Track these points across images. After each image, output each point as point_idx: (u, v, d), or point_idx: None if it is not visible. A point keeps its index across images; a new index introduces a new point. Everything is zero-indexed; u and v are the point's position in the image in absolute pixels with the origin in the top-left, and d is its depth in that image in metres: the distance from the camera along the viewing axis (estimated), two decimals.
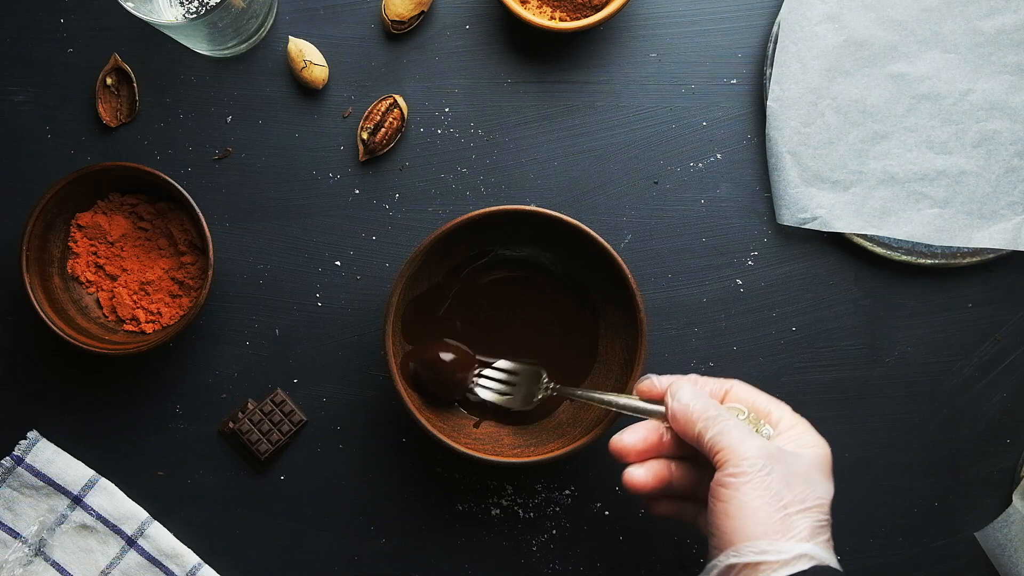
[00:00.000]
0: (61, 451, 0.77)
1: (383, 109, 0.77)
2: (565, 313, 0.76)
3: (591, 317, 0.76)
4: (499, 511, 0.78)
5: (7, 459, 0.77)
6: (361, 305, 0.78)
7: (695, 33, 0.78)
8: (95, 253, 0.77)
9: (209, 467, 0.78)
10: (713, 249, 0.78)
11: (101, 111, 0.78)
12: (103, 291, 0.77)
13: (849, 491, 0.78)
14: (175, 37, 0.74)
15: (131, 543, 0.77)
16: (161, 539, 0.77)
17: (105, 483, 0.77)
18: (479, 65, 0.78)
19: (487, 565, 0.78)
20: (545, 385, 0.73)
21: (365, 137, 0.77)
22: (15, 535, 0.77)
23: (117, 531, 0.77)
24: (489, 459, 0.71)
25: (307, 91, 0.78)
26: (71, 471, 0.77)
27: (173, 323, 0.75)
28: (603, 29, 0.78)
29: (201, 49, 0.77)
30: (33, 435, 0.77)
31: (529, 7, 0.76)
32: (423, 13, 0.77)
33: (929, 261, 0.77)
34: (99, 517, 0.77)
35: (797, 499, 0.58)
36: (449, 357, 0.73)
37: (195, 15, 0.72)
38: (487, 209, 0.71)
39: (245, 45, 0.77)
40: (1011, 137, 0.76)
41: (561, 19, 0.76)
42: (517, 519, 0.78)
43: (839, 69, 0.76)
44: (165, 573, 0.77)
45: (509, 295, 0.76)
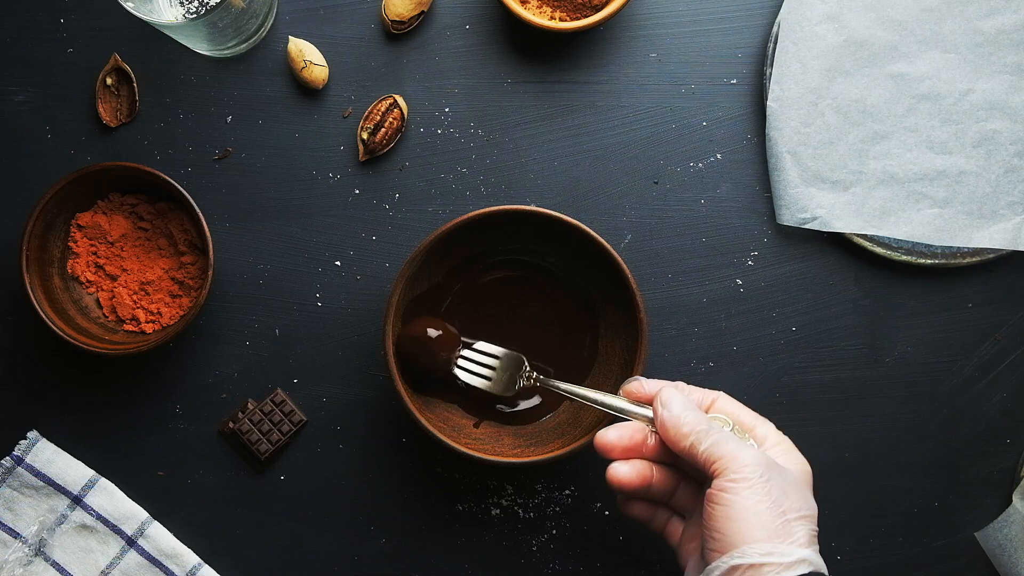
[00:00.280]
0: (61, 451, 0.77)
1: (383, 109, 0.77)
2: (565, 313, 0.76)
3: (591, 317, 0.76)
4: (499, 511, 0.78)
5: (7, 459, 0.77)
6: (361, 305, 0.78)
7: (695, 33, 0.78)
8: (95, 253, 0.77)
9: (209, 467, 0.78)
10: (713, 249, 0.78)
11: (101, 111, 0.78)
12: (103, 291, 0.77)
13: (849, 491, 0.78)
14: (175, 37, 0.74)
15: (131, 543, 0.77)
16: (161, 539, 0.77)
17: (105, 483, 0.77)
18: (479, 65, 0.78)
19: (487, 565, 0.78)
20: (527, 374, 0.72)
21: (365, 137, 0.77)
22: (15, 535, 0.77)
23: (117, 531, 0.77)
24: (489, 459, 0.71)
25: (307, 91, 0.78)
26: (71, 471, 0.77)
27: (173, 323, 0.75)
28: (603, 29, 0.78)
29: (201, 49, 0.77)
30: (33, 435, 0.77)
31: (529, 7, 0.76)
32: (423, 13, 0.77)
33: (929, 261, 0.77)
34: (99, 517, 0.77)
35: (794, 507, 0.58)
36: (435, 333, 0.73)
37: (195, 15, 0.72)
38: (487, 209, 0.71)
39: (245, 45, 0.77)
40: (1011, 137, 0.76)
41: (561, 19, 0.76)
42: (517, 519, 0.78)
43: (839, 69, 0.76)
44: (165, 573, 0.77)
45: (509, 295, 0.76)
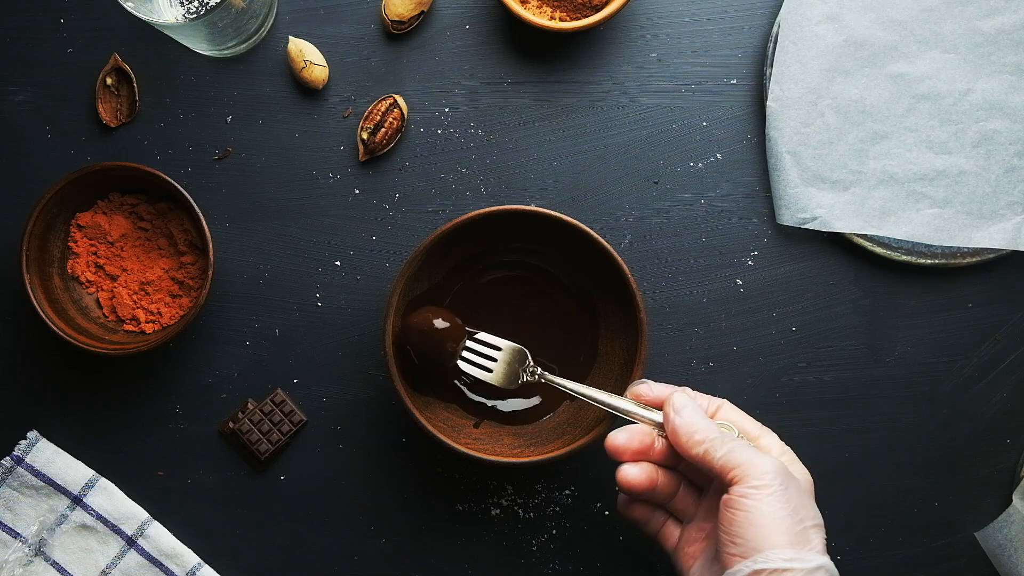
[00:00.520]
0: (61, 451, 0.77)
1: (383, 109, 0.77)
2: (565, 313, 0.76)
3: (591, 317, 0.76)
4: (499, 511, 0.78)
5: (7, 459, 0.77)
6: (361, 305, 0.78)
7: (695, 33, 0.78)
8: (95, 253, 0.77)
9: (209, 467, 0.78)
10: (713, 249, 0.78)
11: (101, 111, 0.78)
12: (103, 291, 0.77)
13: (849, 491, 0.78)
14: (175, 37, 0.74)
15: (131, 543, 0.77)
16: (161, 539, 0.77)
17: (105, 483, 0.77)
18: (479, 65, 0.78)
19: (487, 565, 0.78)
20: (530, 368, 0.72)
21: (365, 137, 0.77)
22: (15, 535, 0.77)
23: (117, 531, 0.77)
24: (489, 459, 0.71)
25: (307, 91, 0.78)
26: (71, 471, 0.77)
27: (173, 323, 0.75)
28: (603, 29, 0.78)
29: (201, 49, 0.77)
30: (33, 435, 0.77)
31: (529, 7, 0.76)
32: (423, 13, 0.77)
33: (929, 261, 0.77)
34: (99, 517, 0.77)
35: (809, 515, 0.59)
36: (442, 325, 0.72)
37: (195, 15, 0.72)
38: (487, 209, 0.71)
39: (245, 45, 0.77)
40: (1011, 137, 0.76)
41: (561, 19, 0.76)
42: (517, 519, 0.78)
43: (839, 69, 0.76)
44: (165, 573, 0.77)
45: (509, 295, 0.76)
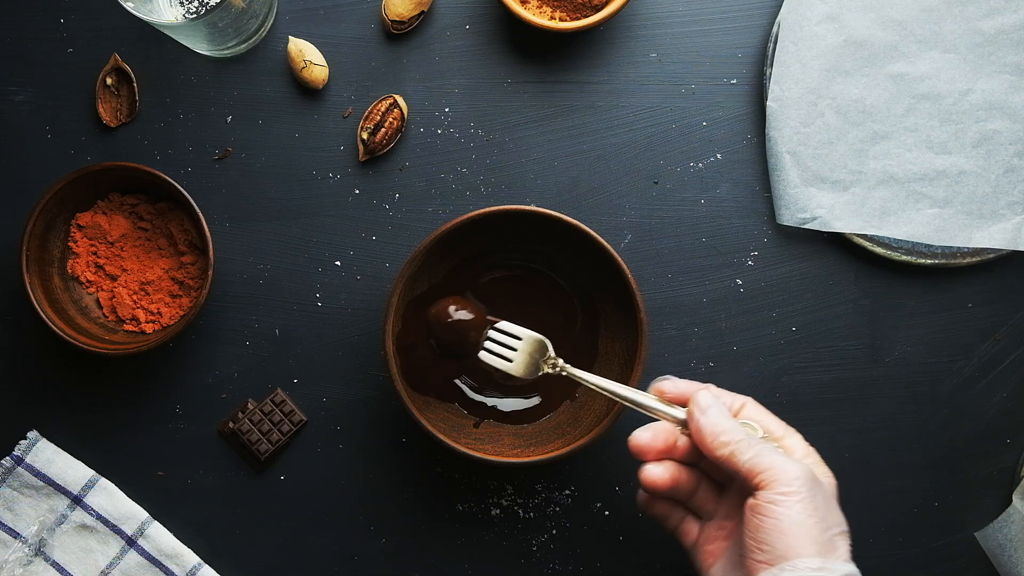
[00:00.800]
0: (61, 451, 0.77)
1: (383, 109, 0.77)
2: (565, 313, 0.76)
3: (591, 317, 0.76)
4: (499, 511, 0.78)
5: (7, 459, 0.77)
6: (361, 305, 0.78)
7: (695, 33, 0.78)
8: (95, 253, 0.77)
9: (209, 467, 0.78)
10: (713, 249, 0.78)
11: (101, 111, 0.78)
12: (103, 291, 0.77)
13: (849, 491, 0.78)
14: (175, 37, 0.74)
15: (131, 543, 0.77)
16: (161, 539, 0.77)
17: (105, 483, 0.77)
18: (479, 65, 0.78)
19: (487, 565, 0.78)
20: (551, 360, 0.71)
21: (365, 137, 0.77)
22: (15, 535, 0.77)
23: (117, 531, 0.77)
24: (489, 459, 0.71)
25: (307, 91, 0.78)
26: (71, 471, 0.77)
27: (173, 323, 0.75)
28: (603, 29, 0.78)
29: (201, 49, 0.77)
30: (33, 435, 0.77)
31: (529, 7, 0.76)
32: (423, 13, 0.77)
33: (929, 261, 0.77)
34: (99, 517, 0.77)
35: (835, 521, 0.59)
36: (467, 316, 0.71)
37: (195, 15, 0.72)
38: (487, 209, 0.71)
39: (245, 45, 0.77)
40: (1011, 137, 0.76)
41: (561, 19, 0.76)
42: (517, 519, 0.78)
43: (839, 69, 0.76)
44: (165, 573, 0.77)
45: (509, 295, 0.76)
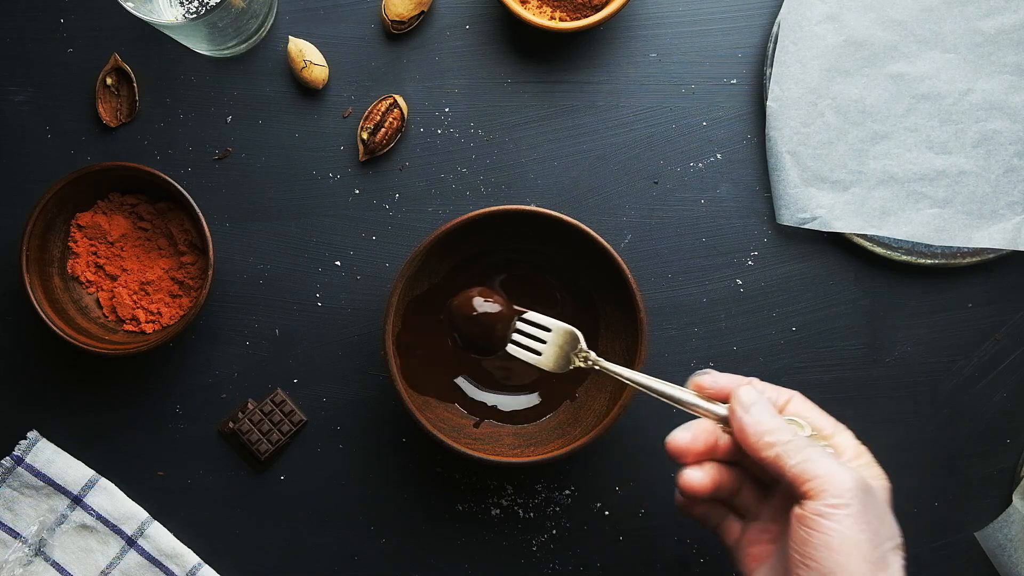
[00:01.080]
0: (61, 451, 0.77)
1: (383, 109, 0.77)
2: (565, 313, 0.76)
3: (591, 317, 0.76)
4: (499, 511, 0.78)
5: (7, 459, 0.77)
6: (361, 305, 0.78)
7: (695, 33, 0.78)
8: (95, 253, 0.77)
9: (209, 467, 0.78)
10: (713, 249, 0.78)
11: (101, 111, 0.78)
12: (103, 291, 0.77)
13: None
14: (175, 37, 0.74)
15: (131, 543, 0.77)
16: (161, 539, 0.77)
17: (105, 483, 0.77)
18: (479, 65, 0.78)
19: (487, 565, 0.78)
20: (582, 353, 0.68)
21: (365, 137, 0.77)
22: (15, 535, 0.77)
23: (117, 531, 0.77)
24: (489, 459, 0.71)
25: (307, 91, 0.78)
26: (71, 471, 0.77)
27: (173, 323, 0.75)
28: (603, 29, 0.78)
29: (201, 49, 0.77)
30: (33, 435, 0.77)
31: (529, 7, 0.76)
32: (423, 13, 0.77)
33: (929, 261, 0.77)
34: (99, 517, 0.77)
35: (887, 535, 0.56)
36: (494, 309, 0.70)
37: (195, 15, 0.72)
38: (487, 209, 0.71)
39: (245, 45, 0.77)
40: (1011, 137, 0.76)
41: (561, 19, 0.76)
42: (517, 519, 0.78)
43: (839, 69, 0.76)
44: (165, 573, 0.77)
45: (509, 295, 0.76)
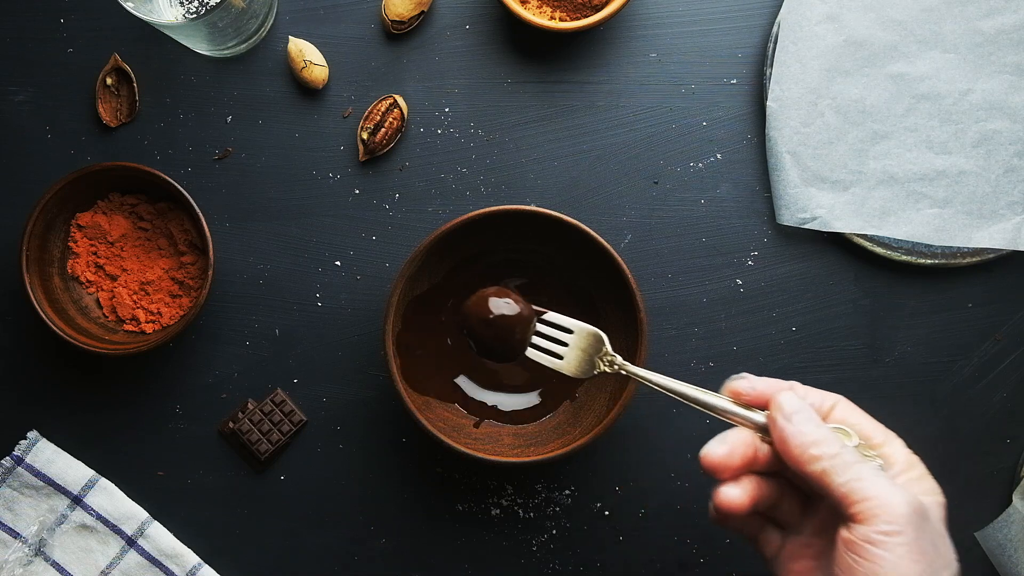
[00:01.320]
0: (61, 451, 0.77)
1: (383, 109, 0.77)
2: (565, 313, 0.76)
3: (591, 317, 0.76)
4: (499, 511, 0.78)
5: (7, 459, 0.77)
6: (361, 305, 0.78)
7: (695, 33, 0.78)
8: (95, 253, 0.77)
9: (209, 467, 0.78)
10: (713, 249, 0.78)
11: (101, 111, 0.78)
12: (103, 291, 0.77)
13: None
14: (175, 37, 0.74)
15: (131, 543, 0.77)
16: (161, 539, 0.77)
17: (105, 483, 0.77)
18: (479, 65, 0.78)
19: (487, 565, 0.78)
20: (608, 356, 0.66)
21: (365, 137, 0.77)
22: (15, 535, 0.77)
23: (117, 531, 0.77)
24: (489, 459, 0.71)
25: (307, 91, 0.78)
26: (71, 471, 0.77)
27: (173, 323, 0.75)
28: (603, 29, 0.78)
29: (201, 49, 0.77)
30: (33, 435, 0.77)
31: (529, 7, 0.76)
32: (423, 13, 0.77)
33: (929, 261, 0.77)
34: (99, 517, 0.77)
35: (942, 561, 0.53)
36: (512, 311, 0.67)
37: (195, 15, 0.72)
38: (487, 209, 0.71)
39: (245, 45, 0.77)
40: (1011, 137, 0.76)
41: (561, 19, 0.76)
42: (517, 519, 0.78)
43: (839, 69, 0.76)
44: (165, 573, 0.77)
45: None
